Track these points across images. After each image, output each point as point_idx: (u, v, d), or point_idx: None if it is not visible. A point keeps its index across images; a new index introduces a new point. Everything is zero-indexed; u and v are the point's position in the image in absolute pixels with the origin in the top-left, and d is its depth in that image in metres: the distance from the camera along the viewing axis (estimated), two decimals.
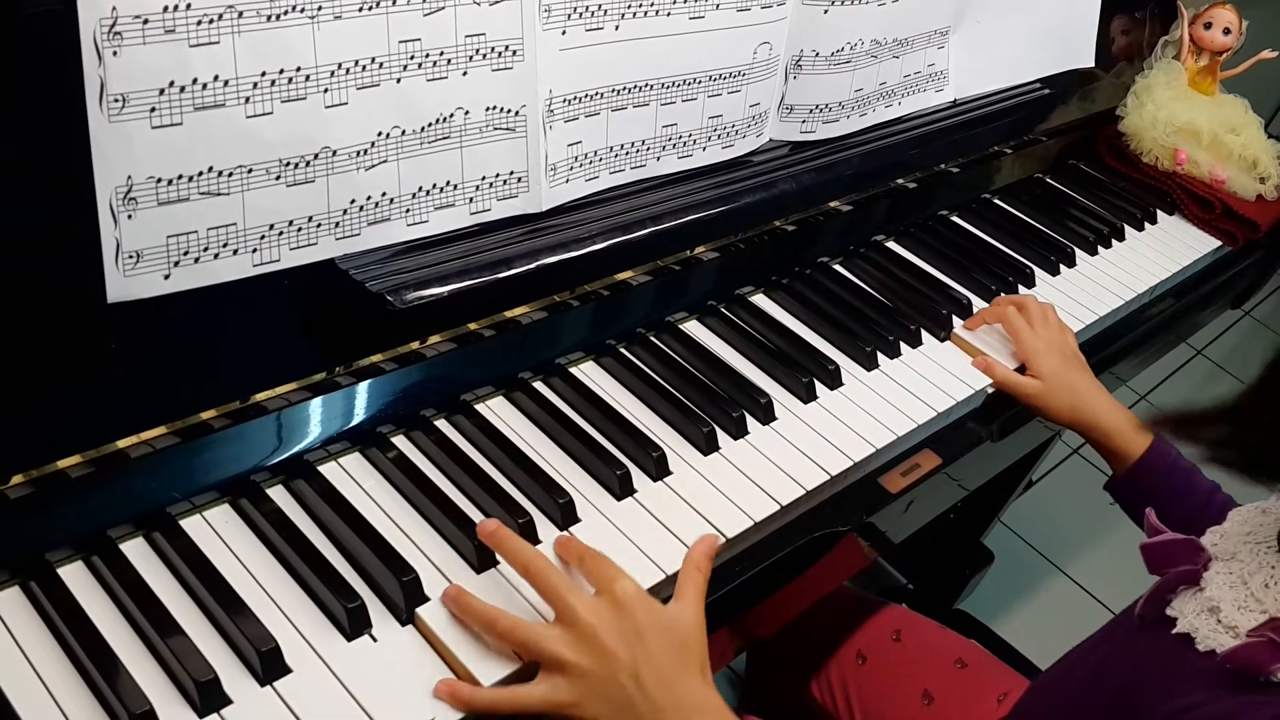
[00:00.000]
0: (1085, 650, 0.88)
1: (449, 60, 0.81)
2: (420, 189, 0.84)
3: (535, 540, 0.84)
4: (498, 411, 0.94)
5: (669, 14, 0.95)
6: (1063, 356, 1.13)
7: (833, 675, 1.20)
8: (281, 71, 0.72)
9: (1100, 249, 1.43)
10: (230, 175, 0.73)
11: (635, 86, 0.96)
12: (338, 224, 0.80)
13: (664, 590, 0.84)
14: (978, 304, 1.25)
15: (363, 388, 0.86)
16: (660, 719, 0.71)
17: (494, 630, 0.73)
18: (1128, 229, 1.49)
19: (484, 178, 0.88)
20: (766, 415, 1.01)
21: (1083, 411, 1.10)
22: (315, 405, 0.84)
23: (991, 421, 1.13)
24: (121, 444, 0.75)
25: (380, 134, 0.80)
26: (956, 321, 1.20)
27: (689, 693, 0.72)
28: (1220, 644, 0.69)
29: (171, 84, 0.68)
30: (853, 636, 1.23)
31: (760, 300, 1.16)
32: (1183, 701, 0.68)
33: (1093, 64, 1.49)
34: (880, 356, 1.12)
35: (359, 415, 0.87)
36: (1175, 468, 1.07)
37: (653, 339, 1.06)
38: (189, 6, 0.67)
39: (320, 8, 0.73)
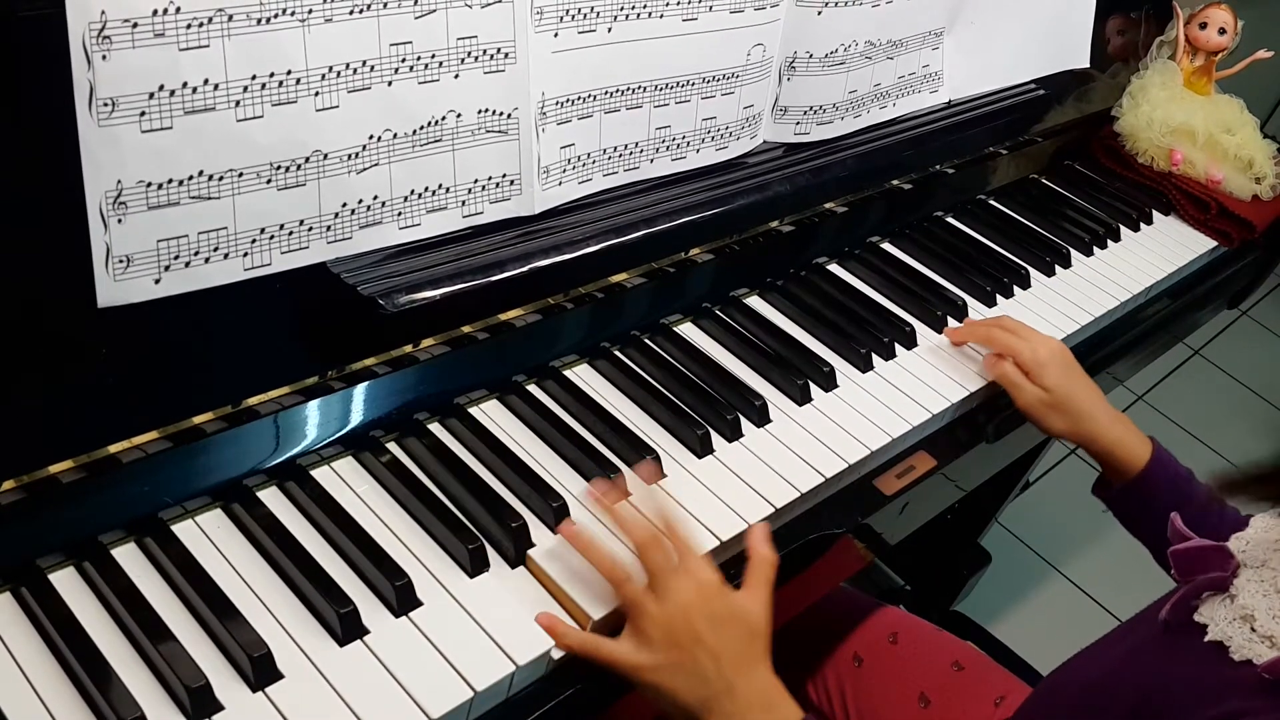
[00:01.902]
0: (1097, 651, 0.87)
1: (440, 63, 0.81)
2: (412, 192, 0.84)
3: (530, 544, 0.83)
4: (491, 415, 0.94)
5: (662, 16, 0.95)
6: (1064, 366, 1.09)
7: (829, 677, 1.20)
8: (272, 75, 0.72)
9: (1096, 250, 1.43)
10: (221, 179, 0.73)
11: (628, 89, 0.96)
12: (329, 227, 0.80)
13: None
14: (973, 305, 1.25)
15: (355, 391, 0.86)
16: (730, 697, 0.77)
17: (609, 574, 0.79)
18: (1123, 229, 1.49)
19: (476, 180, 0.88)
20: (761, 418, 1.00)
21: (1084, 425, 1.07)
22: (308, 409, 0.84)
23: (987, 423, 1.13)
24: (113, 449, 0.75)
25: (372, 137, 0.80)
26: (952, 322, 1.20)
27: (758, 677, 0.79)
28: (1257, 654, 0.69)
29: (161, 88, 0.68)
30: (849, 638, 1.22)
31: (755, 302, 1.16)
32: (1220, 709, 0.67)
33: (1088, 65, 1.49)
34: (875, 358, 1.12)
35: (352, 419, 0.87)
36: (1176, 477, 1.07)
37: (647, 341, 1.06)
38: (178, 10, 0.67)
39: (311, 11, 0.73)
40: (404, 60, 0.79)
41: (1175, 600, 0.77)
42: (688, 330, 1.10)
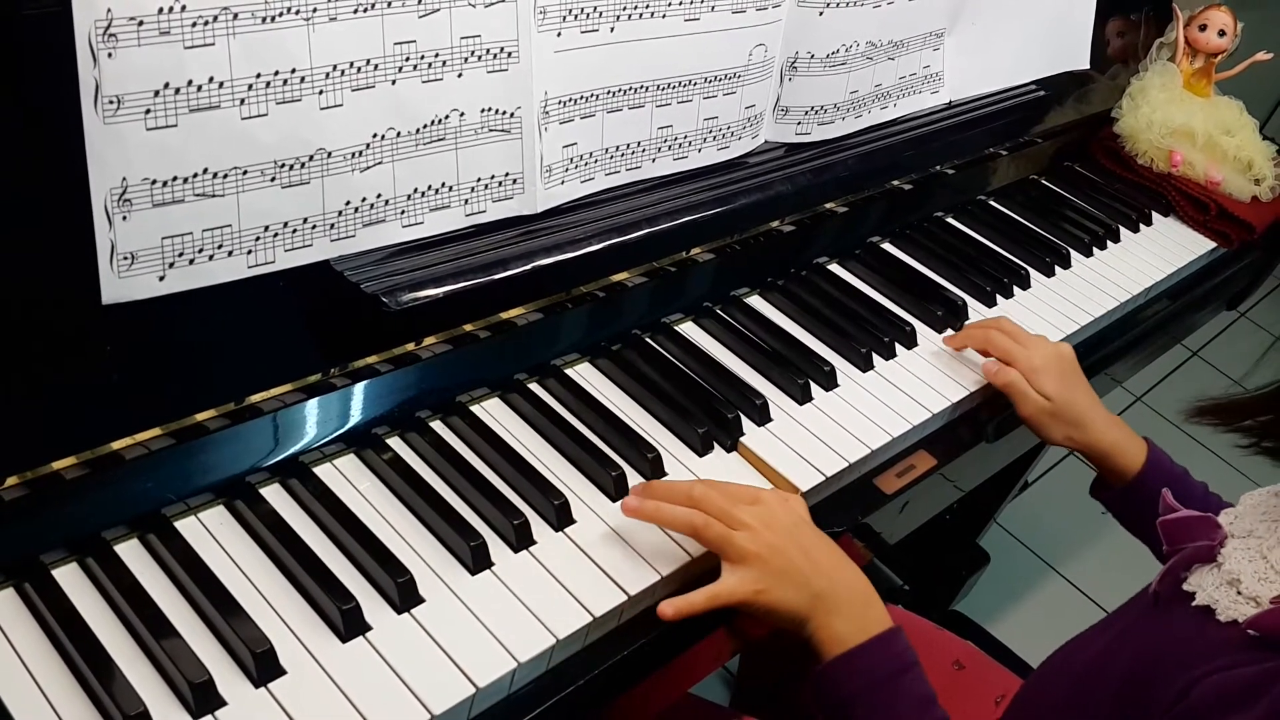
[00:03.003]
0: (1089, 638, 0.89)
1: (444, 62, 0.81)
2: (415, 190, 0.84)
3: (532, 541, 0.84)
4: (493, 413, 0.94)
5: (664, 16, 0.95)
6: (1060, 372, 1.09)
7: None
8: (276, 73, 0.73)
9: (1095, 250, 1.43)
10: (225, 177, 0.73)
11: (630, 88, 0.96)
12: (333, 225, 0.80)
13: (659, 592, 0.84)
14: (973, 305, 1.25)
15: (358, 389, 0.86)
16: (835, 590, 0.83)
17: (687, 525, 0.83)
18: (1123, 231, 1.49)
19: (479, 179, 0.88)
20: (762, 416, 1.01)
21: (1081, 432, 1.08)
22: (310, 407, 0.84)
23: (987, 422, 1.13)
24: (116, 445, 0.75)
25: (375, 135, 0.80)
26: (953, 324, 1.20)
27: (851, 568, 0.86)
28: (1242, 614, 0.71)
29: (166, 86, 0.68)
30: None
31: (756, 301, 1.16)
32: (1207, 668, 0.69)
33: (1088, 66, 1.49)
34: (875, 358, 1.12)
35: (354, 416, 0.87)
36: (1171, 476, 1.08)
37: (648, 340, 1.06)
38: (184, 8, 0.67)
39: (315, 10, 0.73)
40: (408, 59, 0.79)
41: (1164, 572, 0.79)
42: (689, 329, 1.10)
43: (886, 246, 1.32)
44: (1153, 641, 0.76)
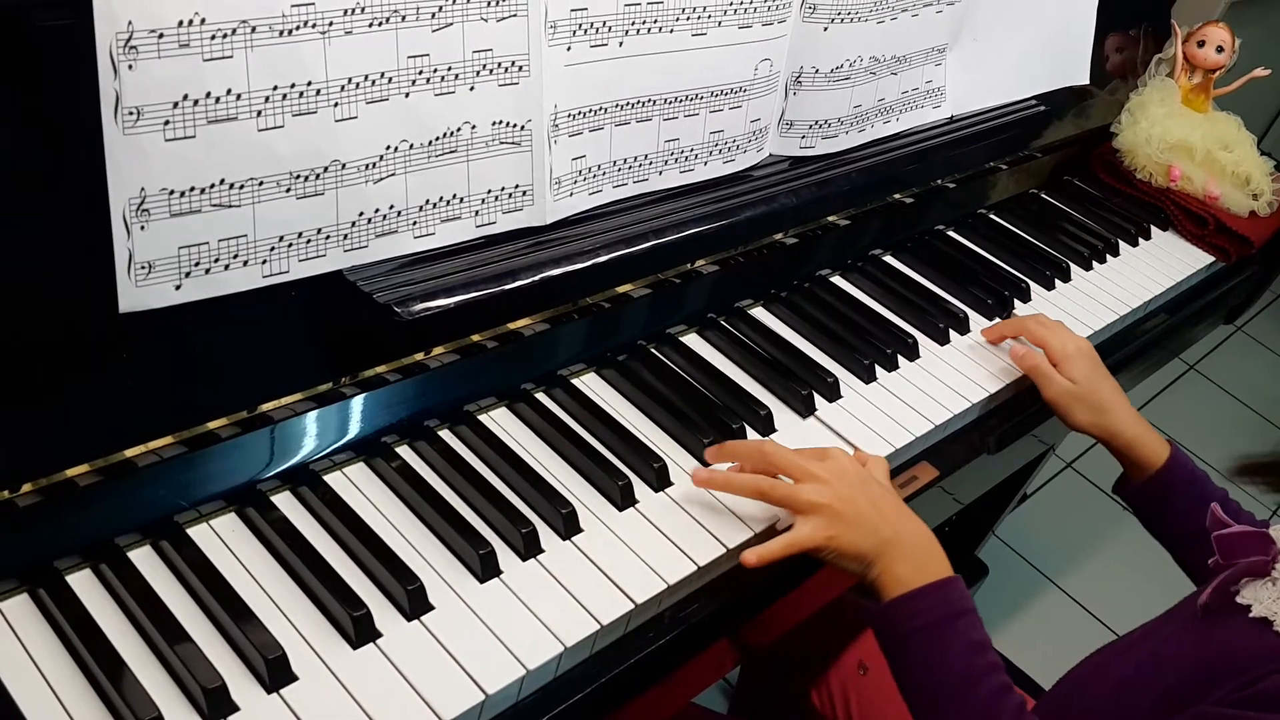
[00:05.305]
0: (1126, 647, 0.90)
1: (456, 75, 0.82)
2: (427, 202, 0.85)
3: (540, 550, 0.85)
4: (501, 422, 0.95)
5: (672, 31, 0.96)
6: (1091, 362, 1.14)
7: (833, 684, 1.21)
8: (293, 86, 0.73)
9: (1095, 264, 1.45)
10: (241, 187, 0.74)
11: (638, 102, 0.97)
12: (346, 236, 0.81)
13: (665, 600, 0.85)
14: (974, 317, 1.26)
15: (368, 398, 0.87)
16: (900, 538, 0.88)
17: (756, 489, 0.89)
18: (1122, 244, 1.50)
19: (489, 191, 0.89)
20: (766, 427, 1.02)
21: (1107, 419, 1.11)
22: (321, 415, 0.85)
23: (989, 433, 1.14)
24: (129, 453, 0.76)
25: (389, 147, 0.81)
26: (954, 334, 1.21)
27: (915, 520, 0.91)
28: None
29: (185, 97, 0.69)
30: (853, 646, 1.23)
31: (759, 313, 1.17)
32: (1264, 672, 0.72)
33: (1087, 81, 1.51)
34: (878, 369, 1.13)
35: (364, 425, 0.88)
36: (1194, 477, 1.10)
37: (653, 351, 1.07)
38: (203, 21, 0.68)
39: (331, 23, 0.74)
40: (421, 72, 0.80)
41: (1216, 585, 0.81)
42: (694, 340, 1.11)
43: (888, 259, 1.33)
44: (1205, 649, 0.79)
